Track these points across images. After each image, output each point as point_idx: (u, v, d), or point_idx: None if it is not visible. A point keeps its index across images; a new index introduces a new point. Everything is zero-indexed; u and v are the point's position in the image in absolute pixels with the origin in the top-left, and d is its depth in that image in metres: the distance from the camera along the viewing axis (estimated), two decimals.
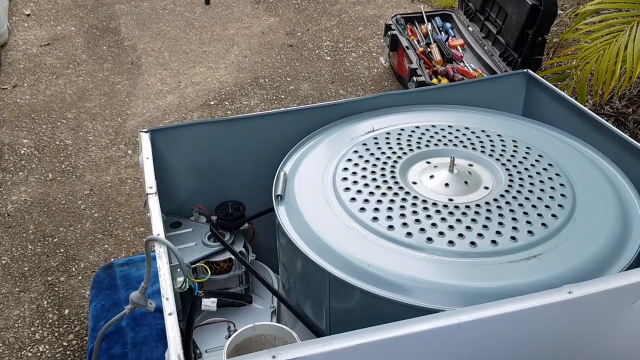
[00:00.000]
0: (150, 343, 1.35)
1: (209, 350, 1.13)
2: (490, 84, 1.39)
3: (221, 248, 1.16)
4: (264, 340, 0.94)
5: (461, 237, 0.90)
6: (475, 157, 1.11)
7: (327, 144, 1.17)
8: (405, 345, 0.72)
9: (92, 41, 3.40)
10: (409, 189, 1.01)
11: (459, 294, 0.83)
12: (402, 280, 0.85)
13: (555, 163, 1.08)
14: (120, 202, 2.21)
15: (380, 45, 3.33)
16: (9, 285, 1.86)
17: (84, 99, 2.87)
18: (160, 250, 0.88)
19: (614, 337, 0.84)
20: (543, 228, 0.92)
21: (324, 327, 0.98)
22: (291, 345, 0.68)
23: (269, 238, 1.17)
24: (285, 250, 1.04)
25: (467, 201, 0.98)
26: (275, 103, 2.84)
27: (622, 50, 2.09)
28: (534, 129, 1.22)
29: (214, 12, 3.75)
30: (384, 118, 1.25)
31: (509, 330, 0.77)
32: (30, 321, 1.74)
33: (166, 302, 0.79)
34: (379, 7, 3.81)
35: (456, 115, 1.26)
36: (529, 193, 1.00)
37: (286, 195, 1.06)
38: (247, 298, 1.15)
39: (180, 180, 1.25)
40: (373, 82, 3.02)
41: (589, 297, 0.76)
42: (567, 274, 0.85)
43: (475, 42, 2.79)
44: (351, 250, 0.90)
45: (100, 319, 1.45)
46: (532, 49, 2.42)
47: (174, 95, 2.90)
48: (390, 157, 1.09)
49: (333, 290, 0.91)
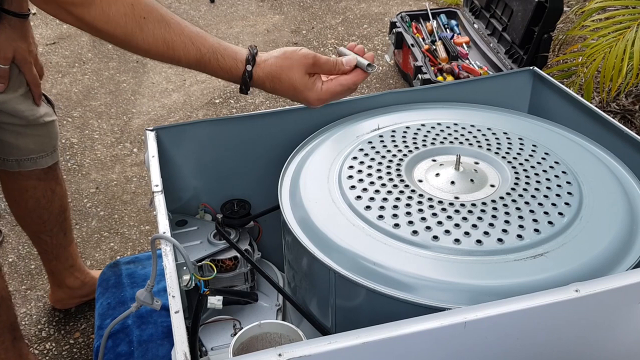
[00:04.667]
0: (157, 341, 1.35)
1: (214, 348, 1.13)
2: (496, 82, 1.38)
3: (227, 246, 1.16)
4: (270, 338, 0.94)
5: (467, 236, 0.90)
6: (481, 154, 1.10)
7: (333, 142, 1.17)
8: (411, 344, 0.72)
9: (98, 40, 3.40)
10: (414, 187, 1.01)
11: (465, 292, 0.83)
12: (408, 278, 0.85)
13: (562, 161, 1.07)
14: (125, 200, 2.22)
15: (385, 42, 3.32)
16: (16, 283, 1.87)
17: (89, 97, 2.88)
18: (167, 248, 0.89)
19: (622, 335, 0.84)
20: (550, 226, 0.92)
21: (329, 325, 0.98)
22: (297, 343, 0.68)
23: (275, 236, 1.17)
24: (290, 248, 1.04)
25: (473, 199, 0.98)
26: (280, 101, 2.84)
27: (629, 47, 2.08)
28: (540, 126, 1.21)
29: (219, 10, 3.75)
30: (390, 116, 1.25)
31: (515, 329, 0.76)
32: (37, 319, 1.74)
33: (172, 300, 0.79)
34: (384, 4, 3.80)
35: (462, 113, 1.26)
36: (536, 191, 0.99)
37: (292, 193, 1.06)
38: (252, 296, 1.16)
39: (185, 179, 1.26)
40: (378, 80, 3.01)
41: (596, 296, 0.76)
42: (574, 272, 0.85)
43: (480, 40, 2.78)
44: (357, 249, 0.90)
45: (107, 316, 1.45)
46: (538, 46, 2.41)
47: (179, 94, 2.90)
48: (396, 155, 1.09)
49: (339, 288, 0.91)
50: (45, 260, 1.65)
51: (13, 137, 1.36)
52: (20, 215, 1.54)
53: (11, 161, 1.42)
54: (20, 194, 1.48)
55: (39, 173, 1.46)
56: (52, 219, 1.54)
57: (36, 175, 1.46)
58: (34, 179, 1.46)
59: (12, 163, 1.42)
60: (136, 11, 0.82)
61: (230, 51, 0.90)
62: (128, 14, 0.82)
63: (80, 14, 0.81)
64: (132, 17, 0.82)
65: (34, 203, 1.49)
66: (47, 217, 1.53)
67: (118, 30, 0.83)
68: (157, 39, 0.84)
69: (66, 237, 1.62)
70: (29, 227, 1.57)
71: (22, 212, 1.52)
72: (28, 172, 1.44)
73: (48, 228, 1.55)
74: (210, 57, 0.88)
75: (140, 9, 0.83)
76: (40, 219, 1.53)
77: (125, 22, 0.82)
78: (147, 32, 0.83)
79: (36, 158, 1.43)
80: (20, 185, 1.46)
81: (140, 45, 0.85)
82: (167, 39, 0.84)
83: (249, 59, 0.90)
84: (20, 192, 1.47)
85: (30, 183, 1.46)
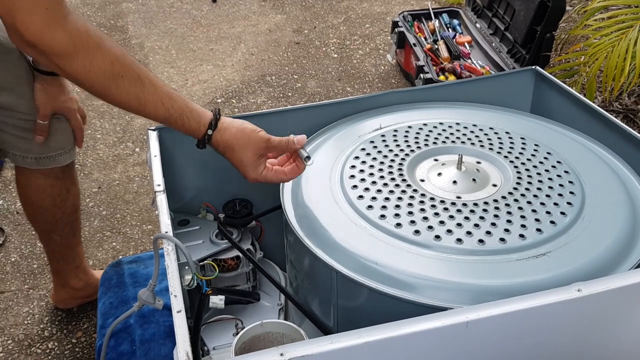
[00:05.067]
0: (159, 340, 1.36)
1: (216, 347, 1.13)
2: (498, 81, 1.38)
3: (229, 246, 1.16)
4: (272, 337, 0.94)
5: (469, 235, 0.90)
6: (483, 154, 1.10)
7: (335, 141, 1.17)
8: (413, 343, 0.72)
9: None
10: (416, 187, 1.01)
11: (467, 291, 0.83)
12: (410, 278, 0.85)
13: (564, 160, 1.07)
14: (128, 200, 2.22)
15: (387, 42, 3.32)
16: (19, 282, 1.87)
17: (91, 97, 2.87)
18: (169, 248, 0.89)
19: (624, 335, 0.84)
20: (552, 226, 0.92)
21: (331, 325, 0.98)
22: (299, 343, 0.68)
23: (277, 236, 1.17)
24: (292, 247, 1.04)
25: (475, 199, 0.98)
26: (282, 100, 2.84)
27: (631, 46, 2.07)
28: (542, 126, 1.21)
29: (221, 10, 3.75)
30: (392, 115, 1.25)
31: (517, 328, 0.76)
32: (40, 318, 1.75)
33: (174, 299, 0.79)
34: (386, 4, 3.79)
35: (464, 113, 1.26)
36: (538, 191, 0.99)
37: (294, 193, 1.06)
38: (254, 295, 1.16)
39: (187, 178, 1.26)
40: (380, 80, 3.01)
41: (599, 295, 0.76)
42: (576, 271, 0.85)
43: (482, 39, 2.78)
44: (359, 248, 0.90)
45: (109, 316, 1.45)
46: (540, 46, 2.41)
47: (181, 93, 2.91)
48: (398, 154, 1.09)
49: (341, 288, 0.91)
50: (51, 260, 1.65)
51: (31, 135, 1.37)
52: (33, 214, 1.54)
53: (30, 159, 1.41)
54: (37, 193, 1.47)
55: (57, 172, 1.45)
56: (64, 219, 1.54)
57: (55, 174, 1.45)
58: (52, 178, 1.45)
59: (30, 161, 1.41)
60: (115, 69, 0.88)
61: (195, 114, 0.97)
62: (107, 71, 0.88)
63: (63, 65, 0.86)
64: (111, 74, 0.88)
65: (50, 202, 1.49)
66: (60, 216, 1.53)
67: (96, 85, 0.89)
68: (131, 96, 0.91)
69: (75, 237, 1.62)
70: (41, 226, 1.57)
71: (36, 210, 1.52)
72: (47, 171, 1.43)
73: (60, 227, 1.55)
74: (177, 118, 0.95)
75: (119, 67, 0.88)
76: (53, 218, 1.52)
77: (103, 79, 0.88)
78: (122, 89, 0.90)
79: (55, 156, 1.42)
80: (37, 183, 1.45)
81: (114, 99, 0.92)
82: (139, 97, 0.91)
83: (212, 123, 0.98)
84: (37, 191, 1.47)
85: (49, 182, 1.45)
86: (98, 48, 0.86)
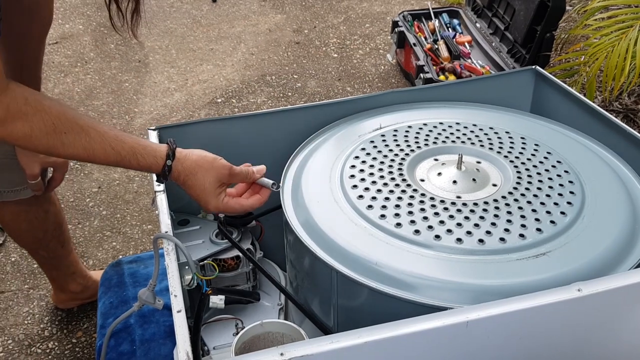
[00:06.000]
0: (159, 340, 1.36)
1: (217, 347, 1.13)
2: (498, 81, 1.38)
3: (229, 245, 1.16)
4: (272, 337, 0.94)
5: (469, 235, 0.90)
6: (483, 154, 1.10)
7: (335, 141, 1.17)
8: (413, 343, 0.72)
9: (100, 39, 3.41)
10: (416, 187, 1.01)
11: (467, 291, 0.83)
12: (410, 277, 0.85)
13: (564, 160, 1.07)
14: (128, 200, 2.22)
15: (387, 42, 3.32)
16: (19, 282, 1.87)
17: (91, 97, 2.88)
18: (169, 248, 0.89)
19: (624, 334, 0.84)
20: (552, 225, 0.92)
21: (331, 325, 0.98)
22: (299, 343, 0.69)
23: (277, 235, 1.17)
24: (292, 247, 1.04)
25: (475, 199, 0.98)
26: (282, 100, 2.84)
27: (631, 45, 2.07)
28: (542, 125, 1.21)
29: (221, 10, 3.75)
30: (391, 115, 1.25)
31: (517, 328, 0.76)
32: (40, 318, 1.75)
33: (174, 299, 0.79)
34: (386, 3, 3.80)
35: (464, 112, 1.26)
36: (538, 190, 0.99)
37: (294, 192, 1.06)
38: (254, 295, 1.16)
39: None
40: (380, 79, 3.01)
41: (599, 295, 0.76)
42: (576, 271, 0.85)
43: (482, 39, 2.78)
44: (359, 248, 0.90)
45: (109, 316, 1.45)
46: (540, 45, 2.41)
47: (181, 93, 2.91)
48: (398, 154, 1.09)
49: (341, 287, 0.91)
50: (45, 270, 1.63)
51: None
52: (13, 236, 1.50)
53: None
54: (12, 219, 1.44)
55: (29, 199, 1.39)
56: (48, 236, 1.50)
57: (26, 202, 1.39)
58: (25, 204, 1.40)
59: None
60: (57, 128, 0.88)
61: (149, 149, 0.96)
62: (49, 132, 0.87)
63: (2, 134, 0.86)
64: (54, 134, 0.88)
65: (26, 225, 1.45)
66: (42, 235, 1.49)
67: (40, 146, 0.89)
68: (78, 149, 0.91)
69: (64, 248, 1.58)
70: (25, 245, 1.53)
71: (14, 233, 1.48)
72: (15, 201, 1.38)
73: (44, 244, 1.51)
74: (130, 158, 0.95)
75: (60, 125, 0.88)
76: (35, 238, 1.49)
77: (47, 140, 0.88)
78: (68, 144, 0.89)
79: (20, 190, 1.36)
80: (11, 210, 1.41)
81: (61, 155, 0.91)
82: (87, 147, 0.91)
83: (169, 154, 0.97)
84: (12, 217, 1.43)
85: (22, 207, 1.41)
86: (36, 113, 0.86)
